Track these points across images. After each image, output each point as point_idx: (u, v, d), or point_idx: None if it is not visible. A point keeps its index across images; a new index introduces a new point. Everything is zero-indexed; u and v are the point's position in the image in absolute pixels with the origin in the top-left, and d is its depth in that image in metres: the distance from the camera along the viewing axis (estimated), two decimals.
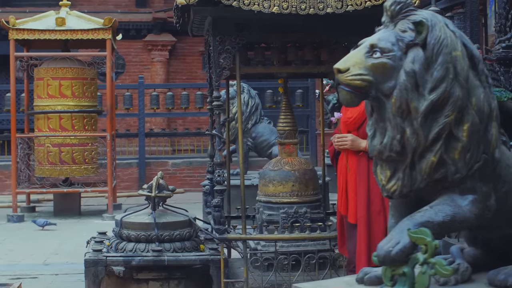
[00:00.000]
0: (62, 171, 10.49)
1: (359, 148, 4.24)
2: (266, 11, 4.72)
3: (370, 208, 4.17)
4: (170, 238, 5.14)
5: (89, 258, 4.96)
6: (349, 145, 4.27)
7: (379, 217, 4.15)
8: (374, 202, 4.16)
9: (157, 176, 5.34)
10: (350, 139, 4.26)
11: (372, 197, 4.16)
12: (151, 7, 15.82)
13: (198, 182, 14.23)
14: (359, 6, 4.81)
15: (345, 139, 4.28)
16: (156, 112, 14.05)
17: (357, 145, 4.24)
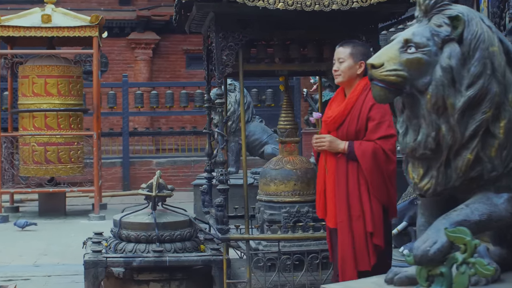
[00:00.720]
0: (48, 170, 10.31)
1: (337, 149, 4.06)
2: (271, 7, 4.65)
3: (350, 213, 3.99)
4: (171, 238, 5.04)
5: (88, 259, 4.84)
6: (327, 146, 4.10)
7: (358, 221, 3.97)
8: (353, 206, 3.99)
9: (157, 175, 5.22)
10: (328, 140, 4.09)
11: (352, 201, 4.00)
12: (135, 5, 15.67)
13: (182, 181, 14.12)
14: (364, 3, 4.75)
15: (323, 139, 4.12)
16: (140, 111, 13.90)
17: (335, 146, 4.07)
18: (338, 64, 4.17)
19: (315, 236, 4.96)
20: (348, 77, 4.12)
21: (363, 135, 4.01)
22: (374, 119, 3.98)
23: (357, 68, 4.12)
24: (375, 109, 3.98)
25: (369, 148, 3.94)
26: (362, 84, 4.09)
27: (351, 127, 4.03)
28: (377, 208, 3.96)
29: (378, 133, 3.96)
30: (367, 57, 4.01)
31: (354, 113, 4.04)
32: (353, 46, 4.19)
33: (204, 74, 6.02)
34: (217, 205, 4.87)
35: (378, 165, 3.94)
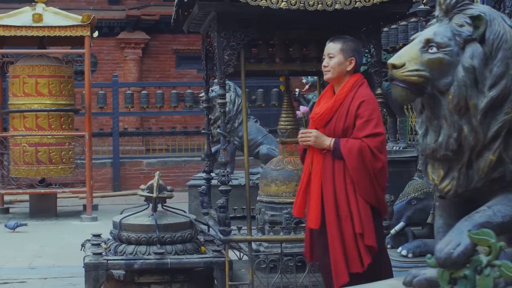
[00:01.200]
0: (39, 171, 10.22)
1: (322, 145, 3.96)
2: (274, 7, 4.61)
3: (339, 213, 3.88)
4: (172, 240, 5.00)
5: (89, 262, 4.78)
6: (312, 141, 3.98)
7: (346, 222, 3.85)
8: (341, 207, 3.88)
9: (157, 176, 5.17)
10: (314, 135, 3.97)
11: (339, 201, 3.88)
12: (124, 4, 15.58)
13: (173, 181, 14.04)
14: (367, 2, 4.73)
15: (309, 134, 4.00)
16: (130, 111, 13.82)
17: (321, 142, 3.95)
18: (327, 59, 4.07)
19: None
20: (338, 73, 4.03)
21: (351, 133, 3.92)
22: (362, 116, 3.89)
23: (347, 65, 4.03)
24: (363, 106, 3.90)
25: (355, 146, 3.84)
26: (352, 81, 4.01)
27: (339, 124, 3.95)
28: (364, 208, 3.86)
29: (365, 131, 3.86)
30: (357, 53, 4.06)
31: (343, 110, 3.95)
32: (344, 42, 4.11)
33: (203, 74, 5.96)
34: (219, 206, 4.82)
35: (364, 164, 3.84)
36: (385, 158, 3.92)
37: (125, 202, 12.69)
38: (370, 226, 3.86)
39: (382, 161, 3.89)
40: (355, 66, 4.05)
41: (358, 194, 3.86)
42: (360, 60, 4.08)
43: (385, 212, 4.11)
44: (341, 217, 3.86)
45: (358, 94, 3.95)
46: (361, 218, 3.83)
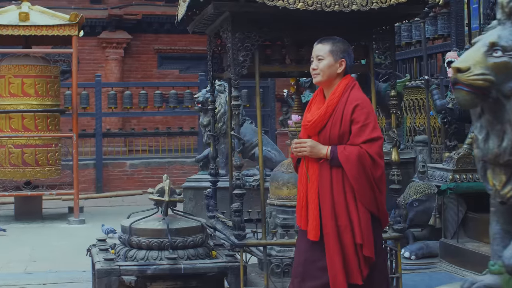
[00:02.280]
0: (25, 173, 10.01)
1: (319, 155, 3.75)
2: (291, 8, 4.56)
3: (337, 223, 3.68)
4: (184, 245, 4.90)
5: (101, 268, 4.65)
6: (308, 151, 3.77)
7: (346, 232, 3.66)
8: (340, 216, 3.68)
9: (167, 180, 5.06)
10: (309, 145, 3.76)
11: (338, 210, 3.69)
12: (106, 3, 15.39)
13: (156, 183, 13.84)
14: (383, 4, 4.69)
15: (304, 144, 3.78)
16: (114, 111, 13.63)
17: (317, 152, 3.75)
18: (316, 62, 3.86)
19: None
20: (328, 76, 3.82)
21: (347, 139, 3.73)
22: (358, 121, 3.70)
23: (337, 67, 3.82)
24: (358, 110, 3.71)
25: (354, 153, 3.66)
26: (343, 84, 3.81)
27: (334, 131, 3.75)
28: (365, 217, 3.69)
29: (363, 136, 3.68)
30: (347, 54, 3.85)
31: (336, 115, 3.75)
32: (333, 43, 3.89)
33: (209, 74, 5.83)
34: (234, 210, 4.73)
35: (364, 171, 3.67)
36: (383, 164, 3.75)
37: (109, 204, 12.53)
38: (370, 236, 3.70)
39: (382, 167, 3.73)
40: (346, 68, 3.85)
41: (359, 202, 3.69)
42: (351, 61, 3.88)
43: (386, 221, 3.90)
44: (340, 227, 3.68)
45: (351, 97, 3.76)
46: (361, 228, 3.67)
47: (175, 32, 15.80)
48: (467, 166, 6.80)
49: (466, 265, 6.29)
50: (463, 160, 6.81)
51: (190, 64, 16.07)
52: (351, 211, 3.69)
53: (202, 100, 8.19)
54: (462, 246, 6.50)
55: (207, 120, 8.24)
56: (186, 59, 16.02)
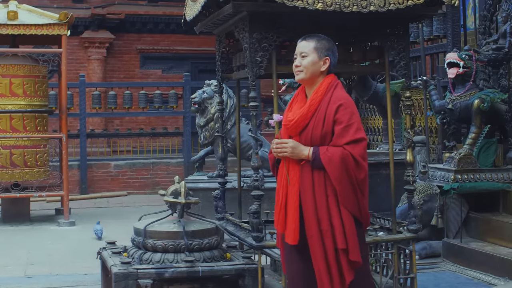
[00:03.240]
0: (14, 174, 9.84)
1: (300, 156, 3.62)
2: (311, 8, 4.53)
3: (320, 227, 3.57)
4: (200, 247, 4.85)
5: (118, 272, 4.56)
6: (289, 152, 3.62)
7: (327, 236, 3.55)
8: (323, 220, 3.57)
9: (182, 181, 5.01)
10: (291, 146, 3.61)
11: (320, 214, 3.57)
12: (88, 2, 15.23)
13: (141, 184, 13.81)
14: (401, 5, 4.69)
15: (285, 145, 3.63)
16: (98, 112, 13.48)
17: (299, 153, 3.61)
18: (300, 59, 3.74)
19: None
20: (311, 74, 3.71)
21: (330, 139, 3.61)
22: (341, 121, 3.58)
23: (321, 65, 3.71)
24: (341, 110, 3.59)
25: (337, 155, 3.54)
26: (327, 82, 3.70)
27: (316, 131, 3.62)
28: (348, 221, 3.57)
29: (346, 137, 3.56)
30: (332, 52, 3.76)
31: (319, 115, 3.62)
32: (318, 40, 3.79)
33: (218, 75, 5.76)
34: (252, 212, 4.68)
35: (348, 173, 3.55)
36: (367, 166, 3.64)
37: (94, 206, 12.38)
38: (355, 241, 3.58)
39: (365, 169, 3.62)
40: (330, 66, 3.74)
41: (342, 205, 3.57)
42: (334, 60, 3.78)
43: (368, 223, 3.78)
44: (322, 231, 3.56)
45: (335, 96, 3.65)
46: (344, 232, 3.55)
47: (157, 32, 15.74)
48: (468, 166, 6.85)
49: (471, 265, 6.34)
50: (464, 160, 6.85)
51: (173, 64, 15.98)
52: (333, 215, 3.57)
53: (199, 101, 8.13)
54: (466, 245, 6.54)
55: (204, 120, 8.18)
56: (168, 59, 15.93)
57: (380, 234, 5.03)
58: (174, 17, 15.46)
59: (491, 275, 6.03)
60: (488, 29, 7.64)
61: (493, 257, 6.11)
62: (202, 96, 8.15)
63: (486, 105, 6.91)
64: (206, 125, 8.17)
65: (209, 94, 8.17)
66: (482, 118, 6.99)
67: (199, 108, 8.16)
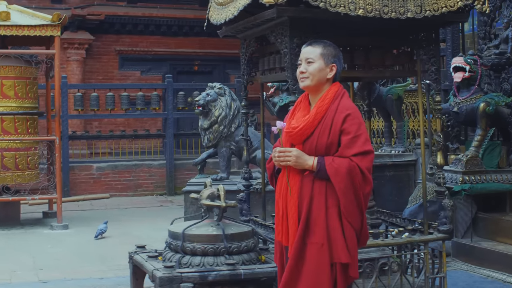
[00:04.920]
0: (5, 178, 9.70)
1: (303, 166, 3.46)
2: (352, 14, 4.61)
3: (309, 239, 3.42)
4: (238, 250, 4.86)
5: (163, 276, 4.55)
6: (293, 161, 3.46)
7: (322, 251, 3.39)
8: (317, 233, 3.41)
9: (220, 185, 5.02)
10: (295, 155, 3.46)
11: (314, 226, 3.42)
12: (67, 3, 15.06)
13: (123, 186, 13.71)
14: (436, 12, 4.81)
15: (289, 153, 3.47)
16: (80, 113, 13.34)
17: (302, 162, 3.45)
18: (305, 65, 3.61)
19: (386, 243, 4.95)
20: (317, 81, 3.57)
21: (335, 150, 3.46)
22: (349, 132, 3.43)
23: (327, 72, 3.58)
24: (349, 120, 3.45)
25: (344, 166, 3.38)
26: (333, 90, 3.56)
27: (321, 140, 3.47)
28: (351, 235, 3.42)
29: (354, 148, 3.41)
30: (338, 60, 3.64)
31: (325, 124, 3.48)
32: (324, 46, 3.66)
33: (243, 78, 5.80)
34: None
35: (354, 186, 3.39)
36: (372, 180, 3.51)
37: (78, 208, 12.24)
38: (356, 256, 3.46)
39: (371, 183, 3.48)
40: (336, 74, 3.61)
41: (345, 219, 3.42)
42: (340, 67, 3.65)
43: (365, 241, 3.61)
44: (315, 245, 3.41)
45: (342, 106, 3.50)
46: (347, 246, 3.40)
47: (136, 33, 15.64)
48: (474, 168, 7.03)
49: (483, 264, 6.50)
50: (471, 162, 7.03)
51: (152, 66, 15.92)
52: (333, 228, 3.41)
53: (203, 103, 8.14)
54: (477, 245, 6.71)
55: (208, 123, 8.19)
56: (147, 61, 15.85)
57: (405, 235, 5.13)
58: (153, 18, 15.41)
59: (505, 274, 6.19)
60: (488, 34, 7.84)
61: (507, 256, 6.28)
62: (206, 99, 8.16)
63: (492, 108, 7.10)
64: (210, 127, 8.18)
65: (213, 97, 8.19)
66: (487, 121, 7.18)
67: (203, 110, 8.17)
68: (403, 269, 5.05)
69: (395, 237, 5.02)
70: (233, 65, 16.43)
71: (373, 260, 4.95)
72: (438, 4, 4.82)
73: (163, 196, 13.63)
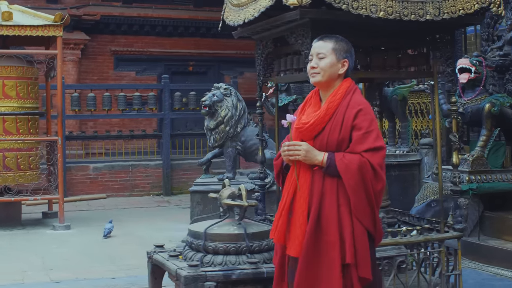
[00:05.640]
0: (7, 178, 9.67)
1: (313, 161, 3.39)
2: (374, 16, 4.67)
3: (322, 238, 3.33)
4: (260, 248, 4.91)
5: (188, 275, 4.59)
6: (302, 156, 3.39)
7: (334, 249, 3.31)
8: (330, 231, 3.32)
9: (242, 184, 5.08)
10: (305, 149, 3.39)
11: (327, 224, 3.34)
12: (62, 3, 15.01)
13: (120, 186, 13.71)
14: (454, 14, 4.89)
15: (298, 147, 3.40)
16: (77, 114, 13.32)
17: (312, 157, 3.38)
18: (317, 60, 3.53)
19: (404, 241, 5.03)
20: (329, 76, 3.51)
21: (346, 146, 3.40)
22: (360, 128, 3.37)
23: (339, 67, 3.52)
24: (361, 116, 3.39)
25: (354, 162, 3.32)
26: (345, 86, 3.51)
27: (332, 136, 3.41)
28: (360, 234, 3.33)
29: (365, 144, 3.35)
30: (350, 55, 3.59)
31: (337, 119, 3.42)
32: (336, 41, 3.60)
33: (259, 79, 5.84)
34: None
35: (365, 183, 3.32)
36: (385, 176, 3.42)
37: (76, 209, 12.22)
38: (366, 255, 3.35)
39: (383, 180, 3.39)
40: (348, 69, 3.56)
41: (355, 217, 3.33)
42: (352, 63, 3.61)
43: (380, 239, 3.54)
44: (327, 243, 3.32)
45: (353, 101, 3.46)
46: (355, 246, 3.31)
47: (131, 33, 15.64)
48: (480, 167, 7.14)
49: (491, 262, 6.60)
50: (477, 162, 7.14)
51: (147, 66, 15.93)
52: (344, 226, 3.33)
53: (209, 104, 8.18)
54: (484, 243, 6.81)
55: (214, 123, 8.23)
56: (142, 61, 15.86)
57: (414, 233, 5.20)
58: (148, 19, 15.43)
59: None
60: (491, 36, 7.96)
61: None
62: (213, 99, 8.21)
63: (497, 109, 7.22)
64: (216, 127, 8.22)
65: (219, 97, 8.23)
66: (492, 122, 7.29)
67: (210, 111, 8.21)
68: (419, 268, 5.13)
69: (413, 235, 5.09)
70: (228, 65, 16.50)
71: (391, 258, 5.04)
72: (455, 7, 4.90)
73: (160, 197, 13.65)
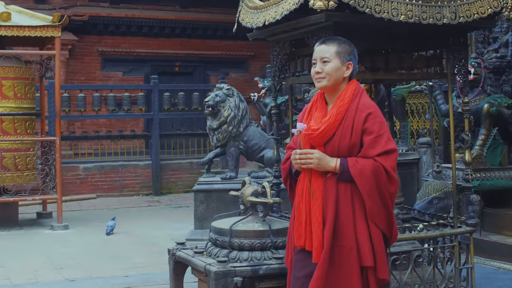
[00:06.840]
0: (5, 178, 9.67)
1: (326, 168, 3.40)
2: (395, 19, 4.83)
3: (338, 243, 3.36)
4: (284, 244, 5.04)
5: (218, 270, 4.73)
6: (315, 164, 3.40)
7: (351, 254, 3.34)
8: (346, 236, 3.36)
9: (265, 182, 5.22)
10: (317, 157, 3.39)
11: (343, 230, 3.37)
12: (51, 3, 14.98)
13: (109, 187, 13.74)
14: (469, 18, 5.09)
15: (311, 155, 3.41)
16: (67, 114, 13.33)
17: (325, 164, 3.39)
18: (321, 65, 3.51)
19: (420, 236, 5.21)
20: (334, 80, 3.50)
21: (358, 150, 3.41)
22: (371, 131, 3.38)
23: (344, 70, 3.52)
24: (371, 119, 3.40)
25: (368, 167, 3.33)
26: (352, 88, 3.52)
27: (344, 142, 3.41)
28: (377, 237, 3.38)
29: (377, 148, 3.36)
30: (354, 57, 3.60)
31: (347, 124, 3.41)
32: (339, 44, 3.58)
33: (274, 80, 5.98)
34: None
35: (379, 187, 3.34)
36: (397, 178, 3.47)
37: (67, 209, 12.21)
38: (384, 257, 3.42)
39: (397, 182, 3.44)
40: (352, 71, 3.57)
41: (370, 221, 3.38)
42: (356, 65, 3.63)
43: (395, 240, 3.59)
44: (344, 248, 3.36)
45: (362, 104, 3.46)
46: (373, 249, 3.36)
47: (119, 34, 15.67)
48: (480, 165, 7.38)
49: (493, 256, 6.82)
50: (476, 160, 7.37)
51: (134, 67, 15.97)
52: (360, 231, 3.37)
53: (212, 104, 8.30)
54: (486, 238, 7.04)
55: (217, 123, 8.34)
56: (129, 62, 15.90)
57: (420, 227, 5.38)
58: (135, 19, 15.48)
59: None
60: (487, 38, 8.21)
61: None
62: (216, 100, 8.32)
63: (495, 109, 7.46)
64: (219, 127, 8.34)
65: (222, 98, 8.35)
66: (491, 121, 7.53)
67: (213, 111, 8.33)
68: (435, 262, 5.33)
69: (429, 230, 5.27)
70: (213, 66, 16.60)
71: (408, 252, 5.22)
72: (470, 11, 5.10)
73: (149, 196, 13.72)
